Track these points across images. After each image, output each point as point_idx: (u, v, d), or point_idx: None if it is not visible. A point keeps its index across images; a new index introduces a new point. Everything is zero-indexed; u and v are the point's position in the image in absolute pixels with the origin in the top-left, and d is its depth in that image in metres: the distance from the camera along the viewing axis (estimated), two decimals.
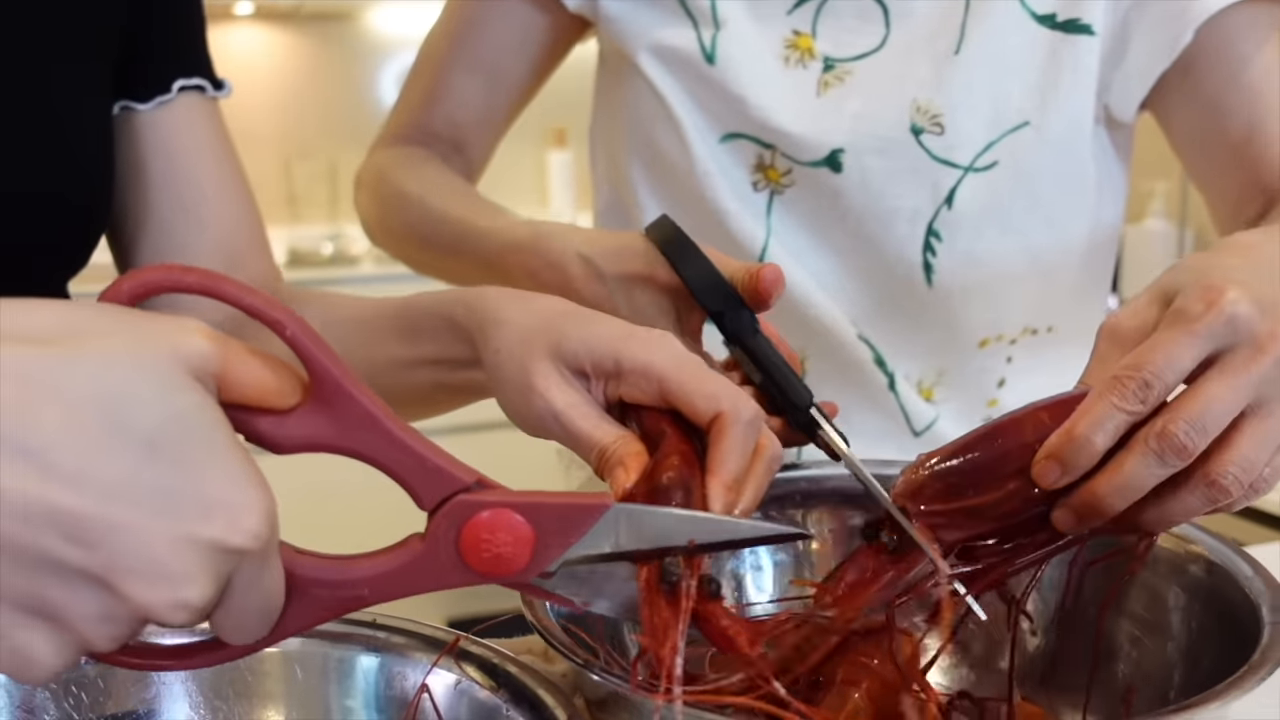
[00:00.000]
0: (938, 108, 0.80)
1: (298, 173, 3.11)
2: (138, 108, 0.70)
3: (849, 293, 0.84)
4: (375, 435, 0.39)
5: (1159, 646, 0.56)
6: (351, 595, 0.40)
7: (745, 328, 0.61)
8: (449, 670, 0.47)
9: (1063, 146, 0.81)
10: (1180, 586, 0.56)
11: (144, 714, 0.48)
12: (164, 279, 0.37)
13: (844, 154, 0.80)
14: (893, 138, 0.80)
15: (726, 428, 0.49)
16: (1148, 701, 0.55)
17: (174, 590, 0.33)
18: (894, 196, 0.80)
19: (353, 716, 0.48)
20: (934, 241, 0.81)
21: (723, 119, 0.83)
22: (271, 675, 0.48)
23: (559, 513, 0.41)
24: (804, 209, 0.83)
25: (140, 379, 0.33)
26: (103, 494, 0.32)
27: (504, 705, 0.45)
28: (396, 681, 0.48)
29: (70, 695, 0.47)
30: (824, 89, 0.81)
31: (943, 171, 0.80)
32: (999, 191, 0.81)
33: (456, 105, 0.91)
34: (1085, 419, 0.47)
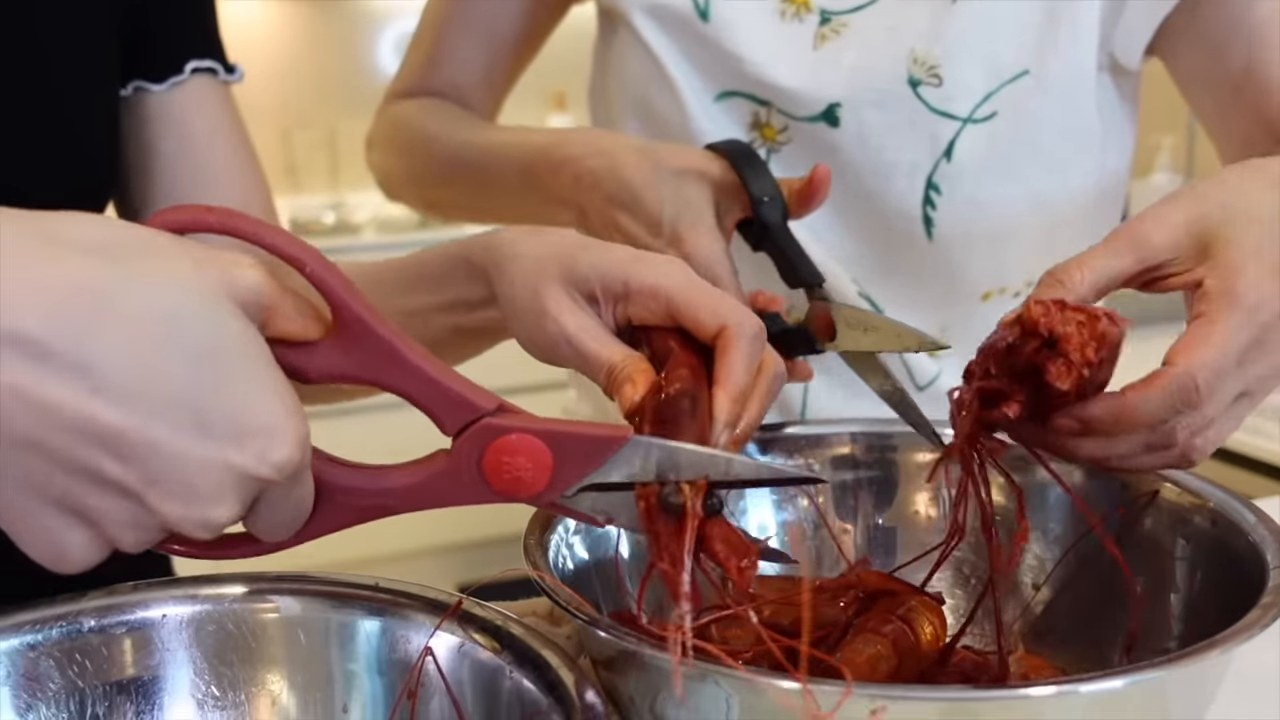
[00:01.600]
0: (935, 58, 0.79)
1: (298, 142, 3.10)
2: (151, 88, 0.70)
3: (849, 249, 0.84)
4: (396, 366, 0.40)
5: (1162, 597, 0.56)
6: (378, 504, 0.41)
7: (778, 222, 0.67)
8: (452, 633, 0.47)
9: (1064, 95, 0.80)
10: (1184, 537, 0.56)
11: (148, 680, 0.48)
12: (187, 219, 0.38)
13: (841, 108, 0.80)
14: (890, 90, 0.79)
15: (731, 341, 0.50)
16: (1151, 652, 0.55)
17: (202, 509, 0.35)
18: (892, 150, 0.80)
19: (356, 680, 0.48)
20: (933, 194, 0.80)
21: (718, 77, 0.82)
22: (274, 640, 0.48)
23: (579, 442, 0.43)
24: (801, 165, 0.82)
25: (194, 303, 0.34)
26: (147, 413, 0.33)
27: (508, 667, 0.45)
28: (400, 645, 0.48)
29: (74, 663, 0.47)
30: (820, 42, 0.81)
31: (941, 123, 0.79)
32: (999, 142, 0.80)
33: (457, 68, 0.92)
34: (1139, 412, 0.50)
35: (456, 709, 0.46)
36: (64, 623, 0.47)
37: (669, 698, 0.46)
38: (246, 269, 0.36)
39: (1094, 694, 0.42)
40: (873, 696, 0.42)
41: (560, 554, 0.56)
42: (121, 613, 0.48)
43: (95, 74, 0.66)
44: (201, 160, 0.71)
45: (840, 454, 0.65)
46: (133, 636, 0.48)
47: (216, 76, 0.73)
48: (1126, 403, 0.50)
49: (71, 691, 0.47)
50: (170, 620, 0.48)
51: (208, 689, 0.48)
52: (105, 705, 0.47)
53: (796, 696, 0.42)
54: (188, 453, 0.34)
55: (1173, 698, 0.45)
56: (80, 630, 0.47)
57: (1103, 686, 0.42)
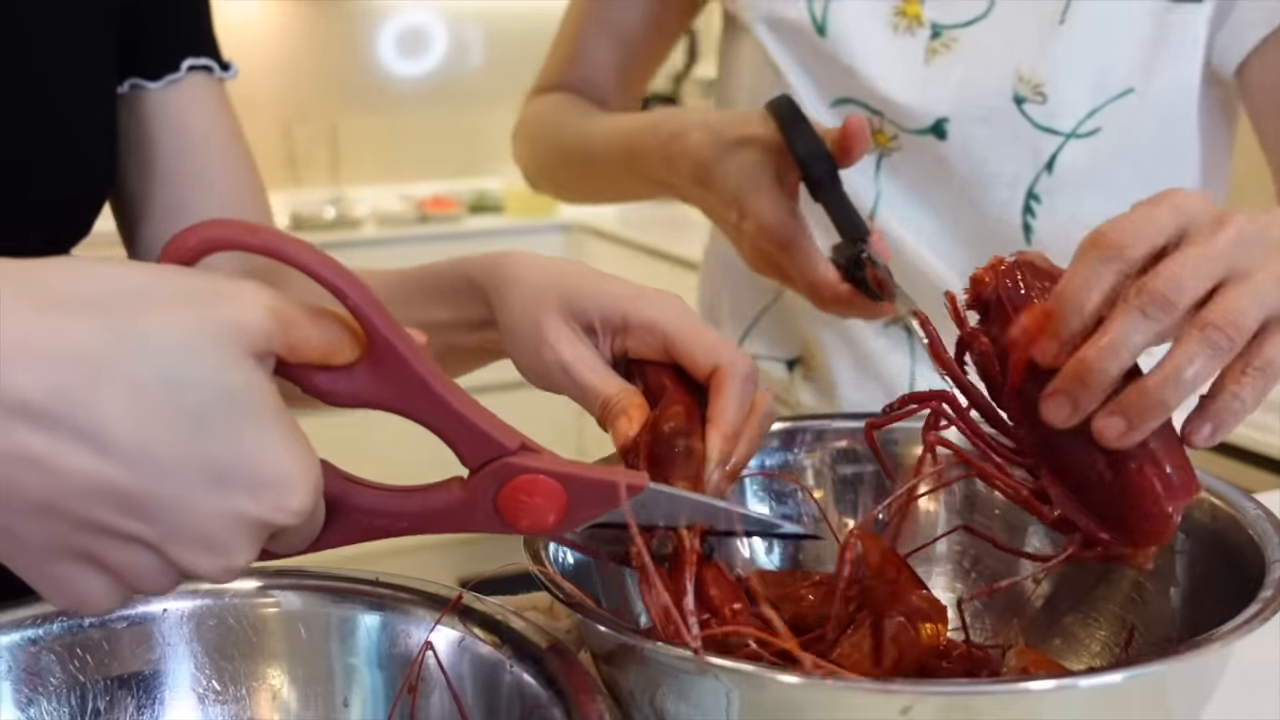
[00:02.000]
0: (1040, 77, 0.81)
1: (298, 136, 3.10)
2: (148, 86, 0.70)
3: (954, 252, 0.87)
4: (426, 400, 0.40)
5: (1162, 591, 0.56)
6: (391, 525, 0.42)
7: (826, 178, 0.70)
8: (453, 628, 0.47)
9: (1168, 113, 0.82)
10: (1184, 531, 0.55)
11: (148, 674, 0.48)
12: (229, 236, 0.38)
13: (949, 123, 0.83)
14: (995, 106, 0.82)
15: (725, 380, 0.51)
16: (1152, 646, 0.55)
17: (219, 558, 0.36)
18: (996, 162, 0.83)
19: (356, 674, 0.48)
20: (1034, 204, 0.83)
21: (833, 86, 0.86)
22: (275, 634, 0.48)
23: (595, 487, 0.44)
24: (910, 172, 0.85)
25: (197, 358, 0.34)
26: (156, 473, 0.33)
27: (508, 661, 0.45)
28: (400, 639, 0.48)
29: (75, 658, 0.47)
30: (931, 56, 0.84)
31: (1044, 138, 0.81)
32: (1101, 157, 0.82)
33: (593, 68, 0.97)
34: (1070, 282, 0.48)
35: (457, 703, 0.46)
36: (65, 618, 0.48)
37: (669, 692, 0.46)
38: (254, 310, 0.36)
39: (1093, 688, 0.42)
40: (868, 690, 0.42)
41: (561, 549, 0.56)
42: (122, 607, 0.48)
43: (89, 72, 0.66)
44: (199, 158, 0.72)
45: (841, 448, 0.65)
46: (133, 631, 0.48)
47: (212, 74, 0.73)
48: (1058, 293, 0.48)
49: (73, 686, 0.47)
50: (171, 615, 0.48)
51: (208, 683, 0.48)
52: (106, 700, 0.47)
53: (799, 691, 0.42)
54: (200, 507, 0.34)
55: (1173, 692, 0.45)
56: (81, 625, 0.48)
57: (1102, 681, 0.42)
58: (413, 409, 0.40)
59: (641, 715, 0.47)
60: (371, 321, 0.39)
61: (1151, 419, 0.46)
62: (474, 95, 3.26)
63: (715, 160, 0.71)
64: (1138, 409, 0.46)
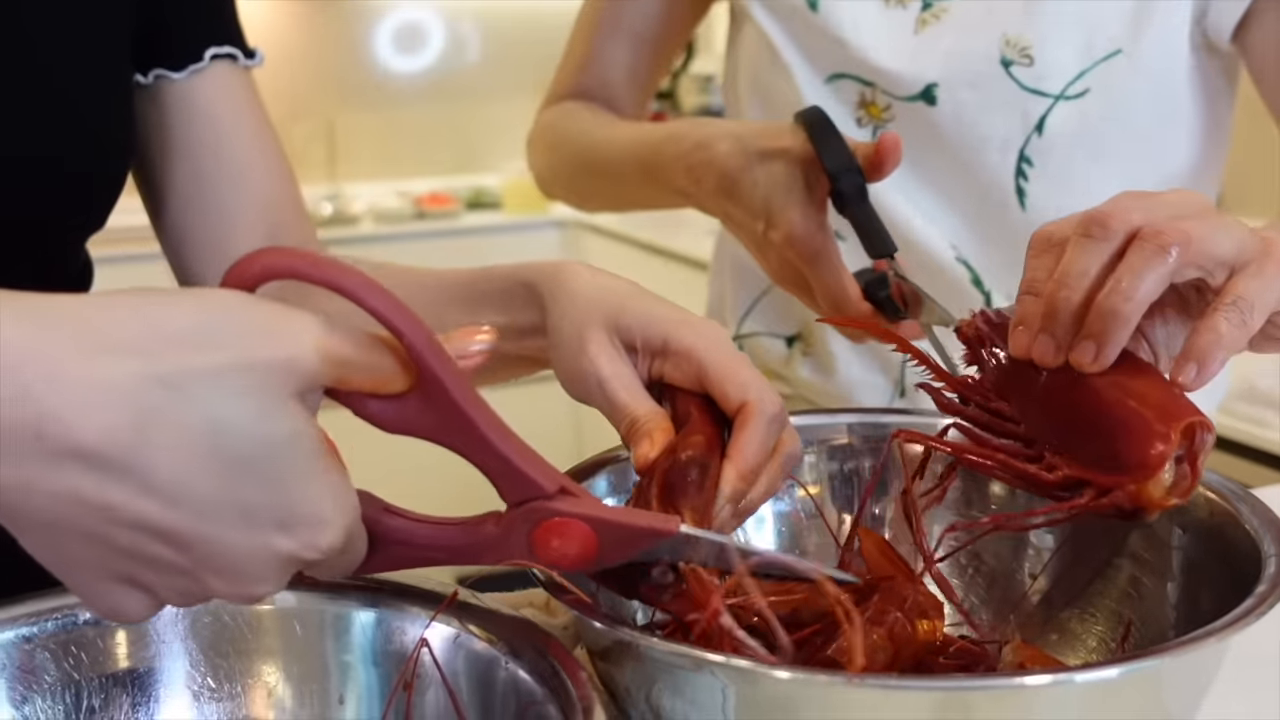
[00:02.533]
0: (1027, 40, 0.82)
1: (295, 133, 3.10)
2: (172, 76, 0.70)
3: (948, 219, 0.87)
4: (470, 437, 0.42)
5: (1159, 586, 0.56)
6: (428, 556, 0.44)
7: (855, 192, 0.69)
8: (448, 624, 0.47)
9: (1157, 74, 0.82)
10: (1180, 526, 0.56)
11: (143, 672, 0.48)
12: (290, 266, 0.39)
13: (938, 88, 0.84)
14: (983, 71, 0.83)
15: (751, 417, 0.51)
16: (1149, 641, 0.55)
17: (249, 588, 0.38)
18: (986, 125, 0.84)
19: (351, 671, 0.48)
20: (1025, 167, 0.84)
21: (826, 61, 0.87)
22: (270, 632, 0.48)
23: (627, 532, 0.45)
24: (905, 142, 0.85)
25: (240, 406, 0.36)
26: (195, 512, 0.36)
27: (503, 658, 0.45)
28: (395, 636, 0.48)
29: (70, 655, 0.47)
30: (921, 27, 0.85)
31: (1033, 100, 0.82)
32: (1090, 119, 0.83)
33: (607, 67, 0.98)
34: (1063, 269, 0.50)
35: (452, 700, 0.46)
36: (59, 615, 0.47)
37: (665, 688, 0.46)
38: (306, 349, 0.37)
39: (1089, 683, 0.42)
40: (864, 686, 0.42)
41: None
42: None
43: (107, 64, 0.66)
44: (226, 148, 0.71)
45: (837, 444, 0.65)
46: (128, 629, 0.48)
47: (237, 62, 0.72)
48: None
49: (67, 684, 0.47)
50: (166, 613, 0.48)
51: (204, 681, 0.48)
52: (101, 697, 0.47)
53: (795, 686, 0.42)
54: (236, 544, 0.37)
55: (1168, 687, 0.45)
56: (76, 623, 0.48)
57: (1098, 676, 0.42)
58: (457, 444, 0.42)
59: (638, 712, 0.47)
60: (424, 358, 0.40)
61: (1112, 330, 0.48)
62: (471, 92, 3.26)
63: (743, 170, 0.71)
64: (1098, 325, 0.49)
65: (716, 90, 3.23)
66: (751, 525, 0.64)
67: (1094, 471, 0.48)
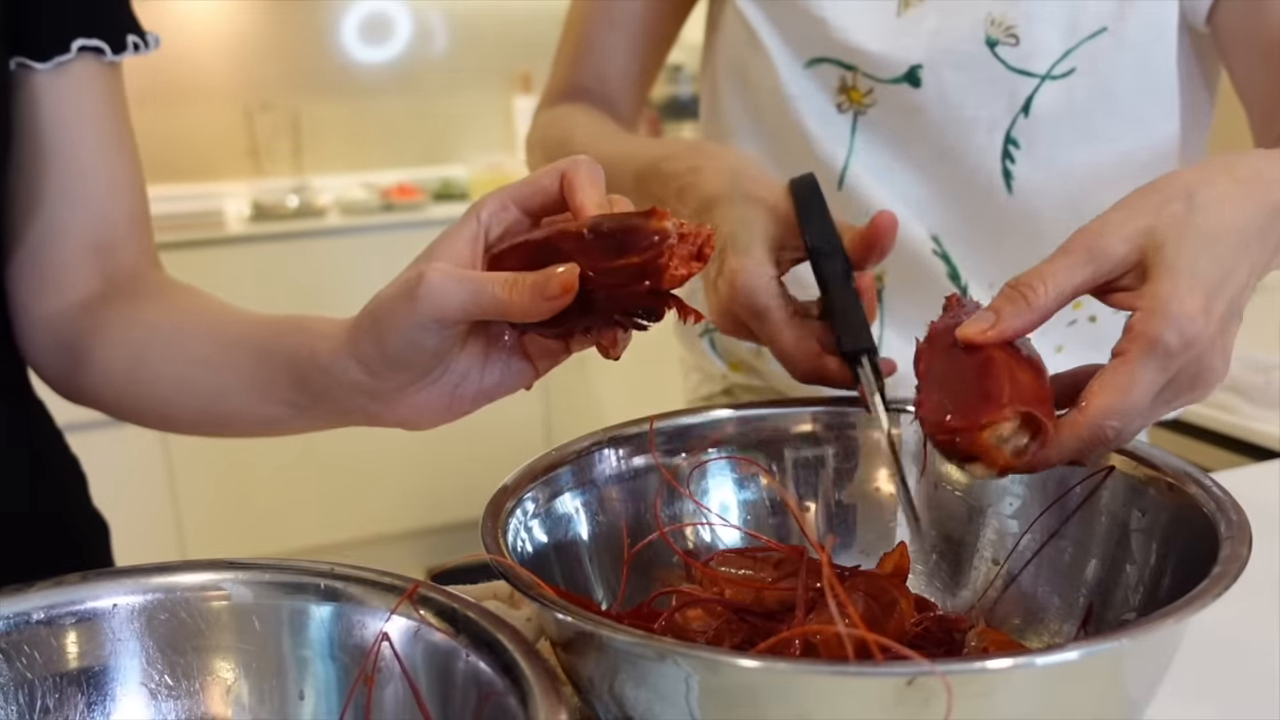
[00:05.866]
0: (1011, 19, 0.81)
1: (260, 124, 3.06)
2: (35, 67, 0.65)
3: (932, 207, 0.86)
4: None
5: (1118, 570, 0.56)
6: None
7: (837, 276, 0.65)
8: (408, 617, 0.47)
9: (1144, 52, 0.82)
10: (1140, 509, 0.56)
11: (98, 670, 0.47)
12: None
13: (922, 69, 0.83)
14: (968, 51, 0.82)
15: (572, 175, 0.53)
16: (1111, 625, 0.55)
17: None
18: (972, 107, 0.83)
19: (310, 666, 0.47)
20: (1012, 149, 0.83)
21: (806, 45, 0.86)
22: (227, 628, 0.48)
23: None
24: (886, 127, 0.85)
25: None
26: None
27: (463, 650, 0.45)
28: (355, 630, 0.47)
29: (22, 655, 0.46)
30: (904, 8, 0.84)
31: (1019, 80, 0.82)
32: (1077, 98, 0.82)
33: (602, 60, 0.97)
34: (1055, 460, 0.51)
35: (414, 692, 0.46)
36: (11, 614, 0.47)
37: (628, 678, 0.45)
38: None
39: (1050, 666, 0.42)
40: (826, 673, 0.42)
41: (519, 537, 0.55)
42: (70, 604, 0.47)
43: None
44: (71, 152, 0.67)
45: (801, 431, 0.65)
46: (82, 627, 0.47)
47: (103, 56, 0.68)
48: (1047, 458, 0.51)
49: (20, 683, 0.46)
50: (120, 610, 0.47)
51: (160, 678, 0.48)
52: (56, 696, 0.47)
53: (758, 674, 0.42)
54: None
55: (1128, 669, 0.45)
56: (28, 621, 0.47)
57: (1058, 659, 0.42)
58: None
59: (601, 703, 0.47)
60: None
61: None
62: (438, 83, 3.24)
63: (721, 201, 0.69)
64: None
65: (685, 80, 3.22)
66: (716, 510, 0.64)
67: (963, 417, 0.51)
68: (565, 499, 0.59)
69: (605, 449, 0.61)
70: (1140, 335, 0.50)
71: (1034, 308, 0.51)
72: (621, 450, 0.62)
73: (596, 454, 0.61)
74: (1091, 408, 0.50)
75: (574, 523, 0.59)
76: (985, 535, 0.63)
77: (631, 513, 0.62)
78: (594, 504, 0.60)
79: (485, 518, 0.53)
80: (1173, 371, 0.51)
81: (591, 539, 0.60)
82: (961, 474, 0.63)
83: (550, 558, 0.57)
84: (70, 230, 0.68)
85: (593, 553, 0.60)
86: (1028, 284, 0.52)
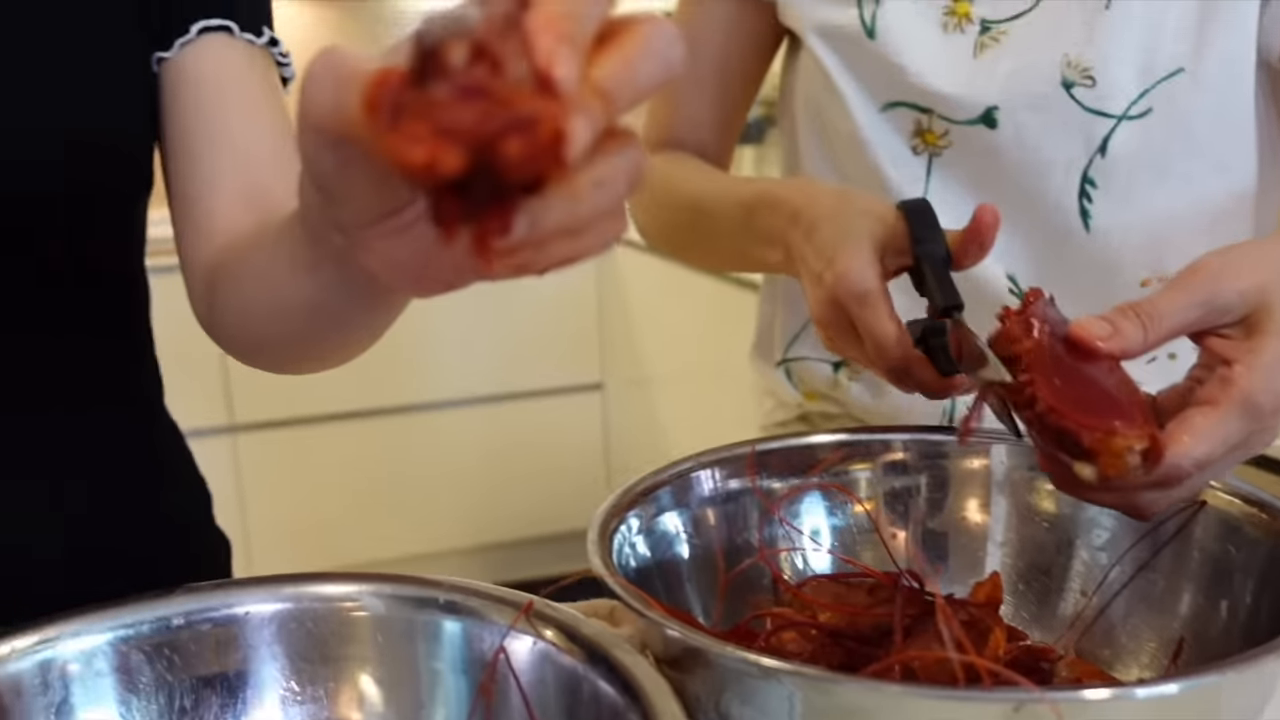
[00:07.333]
0: (1088, 61, 0.82)
1: None
2: (166, 56, 0.70)
3: (1008, 247, 0.87)
4: None
5: (1213, 605, 0.57)
6: None
7: (938, 258, 0.69)
8: (527, 633, 0.49)
9: (1221, 91, 0.82)
10: (1235, 545, 0.57)
11: (232, 675, 0.50)
12: None
13: (998, 111, 0.84)
14: (1044, 93, 0.83)
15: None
16: (1202, 659, 0.56)
17: None
18: (1049, 148, 0.84)
19: (436, 678, 0.49)
20: (1089, 188, 0.84)
21: (883, 89, 0.87)
22: (356, 638, 0.50)
23: None
24: (962, 168, 0.87)
25: None
26: None
27: (581, 666, 0.47)
28: (476, 644, 0.49)
29: (163, 658, 0.49)
30: (980, 51, 0.85)
31: (1096, 121, 0.82)
32: (1154, 138, 0.83)
33: (694, 110, 0.99)
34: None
35: (528, 709, 0.48)
36: (153, 619, 0.49)
37: (734, 696, 0.47)
38: None
39: (1149, 698, 0.43)
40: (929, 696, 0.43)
41: (624, 553, 0.57)
42: (208, 610, 0.50)
43: (114, 47, 0.67)
44: (207, 107, 0.70)
45: (892, 460, 0.66)
46: (218, 633, 0.50)
47: (232, 35, 0.70)
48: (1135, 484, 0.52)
49: (160, 685, 0.49)
50: (254, 617, 0.50)
51: (290, 685, 0.50)
52: (192, 699, 0.49)
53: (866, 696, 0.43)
54: None
55: (1226, 704, 0.46)
56: (169, 626, 0.49)
57: (1158, 691, 0.43)
58: None
59: (706, 719, 0.49)
60: None
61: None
62: None
63: (830, 217, 0.72)
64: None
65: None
66: (808, 534, 0.65)
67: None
68: (665, 519, 0.61)
69: (704, 471, 0.63)
70: (1236, 389, 0.52)
71: (1148, 334, 0.53)
72: (719, 473, 0.64)
73: (695, 476, 0.63)
74: (1174, 447, 0.51)
75: (673, 543, 0.61)
76: (1074, 566, 0.64)
77: (726, 535, 0.63)
78: (691, 525, 0.62)
79: (592, 536, 0.55)
80: (1256, 428, 0.52)
81: (689, 559, 0.62)
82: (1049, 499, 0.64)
83: (651, 576, 0.59)
84: (221, 180, 0.70)
85: (690, 572, 0.62)
86: (1147, 311, 0.53)
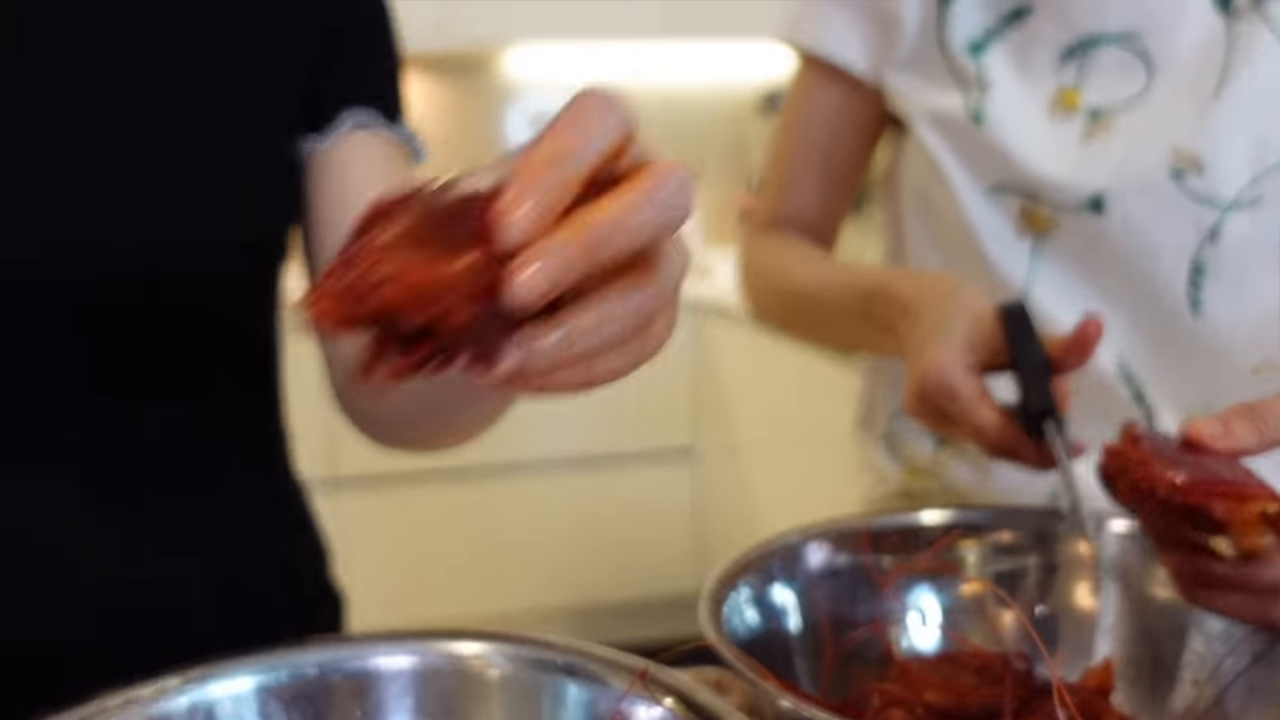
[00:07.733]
0: (1197, 150, 0.83)
1: None
2: (317, 142, 0.73)
3: (1116, 331, 0.87)
4: None
5: None
6: None
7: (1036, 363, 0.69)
8: (643, 698, 0.50)
9: None
10: None
11: None
12: None
13: (1106, 197, 0.84)
14: (1153, 181, 0.83)
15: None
16: None
17: None
18: (1157, 234, 0.84)
19: None
20: (1199, 277, 0.84)
21: (989, 174, 0.89)
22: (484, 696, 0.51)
23: None
24: (1068, 251, 0.87)
25: None
26: None
27: None
28: (593, 707, 0.51)
29: (298, 706, 0.51)
30: (1089, 138, 0.86)
31: (1204, 210, 0.83)
32: (1265, 226, 0.83)
33: (802, 192, 1.03)
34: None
35: None
36: (288, 667, 0.52)
37: None
38: None
39: None
40: None
41: (733, 622, 0.58)
42: (340, 662, 0.52)
43: (269, 119, 0.70)
44: (352, 195, 0.72)
45: (1001, 541, 0.67)
46: (350, 684, 0.52)
47: (376, 130, 0.74)
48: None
49: None
50: (385, 671, 0.52)
51: None
52: None
53: None
54: None
55: None
56: (303, 674, 0.52)
57: None
58: None
59: None
60: None
61: None
62: None
63: (933, 307, 0.74)
64: None
65: None
66: (916, 620, 0.66)
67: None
68: (775, 590, 0.62)
69: (813, 543, 0.65)
70: None
71: (1264, 435, 0.53)
72: (829, 546, 0.65)
73: (804, 548, 0.64)
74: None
75: (781, 614, 0.62)
76: (1186, 656, 0.63)
77: (835, 608, 0.64)
78: (800, 597, 0.63)
79: (705, 605, 0.57)
80: None
81: (796, 631, 0.63)
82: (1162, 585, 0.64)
83: (760, 646, 0.60)
84: None
85: (796, 644, 0.63)
86: (1263, 413, 0.54)
